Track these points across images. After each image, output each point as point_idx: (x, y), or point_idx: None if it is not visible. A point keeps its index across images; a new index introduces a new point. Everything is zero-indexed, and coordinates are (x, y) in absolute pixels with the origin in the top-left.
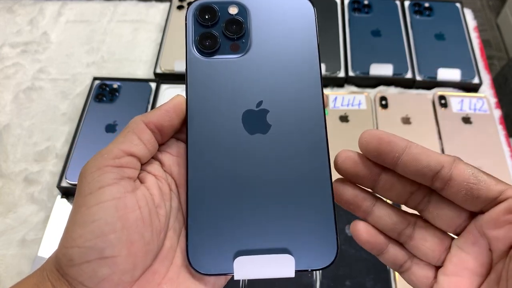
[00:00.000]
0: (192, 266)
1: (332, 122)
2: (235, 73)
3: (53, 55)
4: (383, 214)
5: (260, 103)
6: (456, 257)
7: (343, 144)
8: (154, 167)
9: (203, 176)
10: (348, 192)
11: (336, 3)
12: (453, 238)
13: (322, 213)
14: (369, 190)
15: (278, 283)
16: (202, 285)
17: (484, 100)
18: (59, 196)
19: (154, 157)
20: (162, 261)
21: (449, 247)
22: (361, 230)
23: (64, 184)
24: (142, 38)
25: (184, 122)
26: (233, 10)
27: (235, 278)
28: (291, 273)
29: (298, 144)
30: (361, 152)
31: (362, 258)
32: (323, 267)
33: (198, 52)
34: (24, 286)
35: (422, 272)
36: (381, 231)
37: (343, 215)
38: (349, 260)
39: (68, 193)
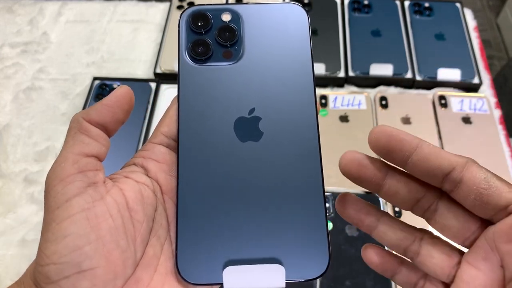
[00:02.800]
0: (181, 275)
1: (332, 122)
2: (227, 80)
3: (53, 55)
4: (387, 230)
5: (252, 110)
6: (466, 274)
7: (343, 144)
8: (136, 174)
9: (193, 184)
10: (352, 207)
11: (336, 3)
12: (462, 253)
13: (313, 222)
14: (374, 205)
15: None
16: None
17: (484, 100)
18: None
19: (137, 164)
20: (145, 269)
21: (459, 263)
22: (372, 255)
23: None
24: (142, 38)
25: (128, 113)
26: (226, 17)
27: (224, 287)
28: (281, 284)
29: (290, 153)
30: (366, 154)
31: (362, 258)
32: (314, 277)
33: (191, 59)
34: None
35: None
36: (391, 252)
37: None
38: (349, 260)
39: None
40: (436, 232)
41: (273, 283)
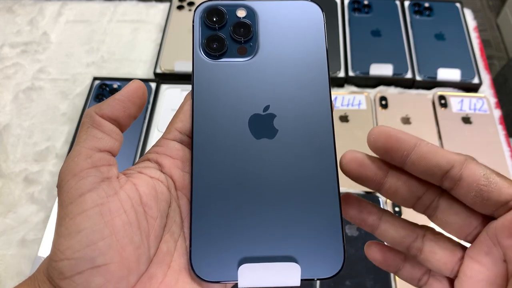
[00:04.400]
0: (195, 272)
1: None
2: (242, 77)
3: (53, 55)
4: (389, 228)
5: (267, 108)
6: (469, 269)
7: (343, 144)
8: (149, 169)
9: (208, 181)
10: (354, 207)
11: (336, 3)
12: (465, 248)
13: (329, 221)
14: (375, 204)
15: None
16: None
17: (484, 100)
18: None
19: (151, 159)
20: (159, 265)
21: (462, 258)
22: (374, 251)
23: None
24: (142, 38)
25: (140, 108)
26: (241, 13)
27: (239, 286)
28: (296, 282)
29: (305, 150)
30: (366, 153)
31: (362, 258)
32: (329, 276)
33: (205, 55)
34: None
35: (440, 285)
36: (394, 248)
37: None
38: (349, 260)
39: None
40: (438, 229)
41: (288, 282)
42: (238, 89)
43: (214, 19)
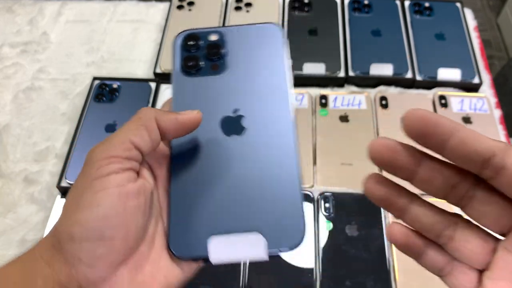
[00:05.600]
0: (171, 251)
1: (332, 122)
2: (215, 88)
3: (52, 55)
4: (420, 213)
5: (236, 110)
6: (503, 260)
7: (343, 144)
8: (144, 163)
9: (184, 169)
10: (381, 188)
11: (336, 3)
12: (498, 240)
13: (289, 200)
14: (404, 187)
15: (278, 283)
16: (179, 268)
17: (484, 100)
18: (59, 196)
19: None
20: (146, 244)
21: (495, 249)
22: (397, 233)
23: (64, 184)
24: (142, 38)
25: (185, 134)
26: (213, 37)
27: (210, 259)
28: (263, 254)
29: (269, 141)
30: (397, 140)
31: (362, 258)
32: (291, 248)
33: (184, 73)
34: (9, 272)
35: (465, 276)
36: (418, 232)
37: (343, 215)
38: (349, 260)
39: (67, 193)
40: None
41: (255, 254)
42: (212, 97)
43: (191, 43)
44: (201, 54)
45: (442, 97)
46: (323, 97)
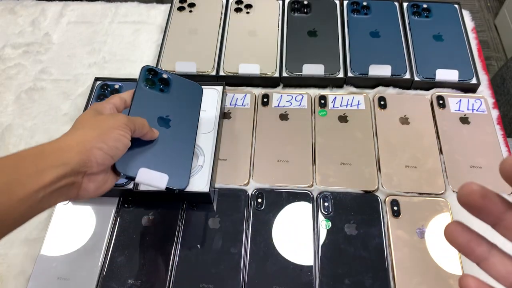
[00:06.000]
0: (116, 168)
1: (331, 122)
2: (159, 100)
3: (54, 55)
4: (498, 262)
5: (167, 115)
6: None
7: (342, 144)
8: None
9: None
10: (464, 236)
11: (335, 4)
12: None
13: (184, 163)
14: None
15: (278, 281)
16: (113, 177)
17: (482, 101)
18: None
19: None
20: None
21: None
22: (472, 285)
23: None
24: (143, 39)
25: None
26: (165, 75)
27: (136, 179)
28: (163, 186)
29: (181, 132)
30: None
31: (361, 257)
32: (179, 188)
33: (144, 85)
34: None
35: None
36: (494, 279)
37: (342, 214)
38: (348, 259)
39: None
40: None
41: (159, 184)
42: (155, 105)
43: (152, 72)
44: (156, 79)
45: (440, 98)
46: (322, 97)
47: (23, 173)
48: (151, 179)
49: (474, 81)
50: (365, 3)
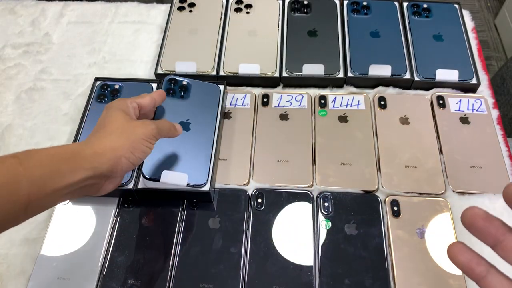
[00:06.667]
0: (143, 173)
1: (331, 122)
2: (180, 106)
3: (54, 55)
4: (496, 282)
5: (188, 119)
6: None
7: (342, 143)
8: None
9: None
10: (466, 255)
11: (335, 4)
12: None
13: (204, 163)
14: (483, 257)
15: (278, 281)
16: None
17: (482, 101)
18: None
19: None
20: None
21: None
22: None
23: None
24: (143, 39)
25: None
26: (185, 82)
27: (160, 180)
28: (185, 184)
29: (200, 135)
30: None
31: (360, 257)
32: (199, 186)
33: (166, 95)
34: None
35: None
36: None
37: (342, 214)
38: (348, 259)
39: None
40: None
41: (181, 183)
42: (177, 110)
43: (173, 81)
44: (176, 87)
45: (440, 98)
46: (322, 97)
47: (60, 169)
48: (173, 179)
49: (474, 81)
50: (365, 3)
